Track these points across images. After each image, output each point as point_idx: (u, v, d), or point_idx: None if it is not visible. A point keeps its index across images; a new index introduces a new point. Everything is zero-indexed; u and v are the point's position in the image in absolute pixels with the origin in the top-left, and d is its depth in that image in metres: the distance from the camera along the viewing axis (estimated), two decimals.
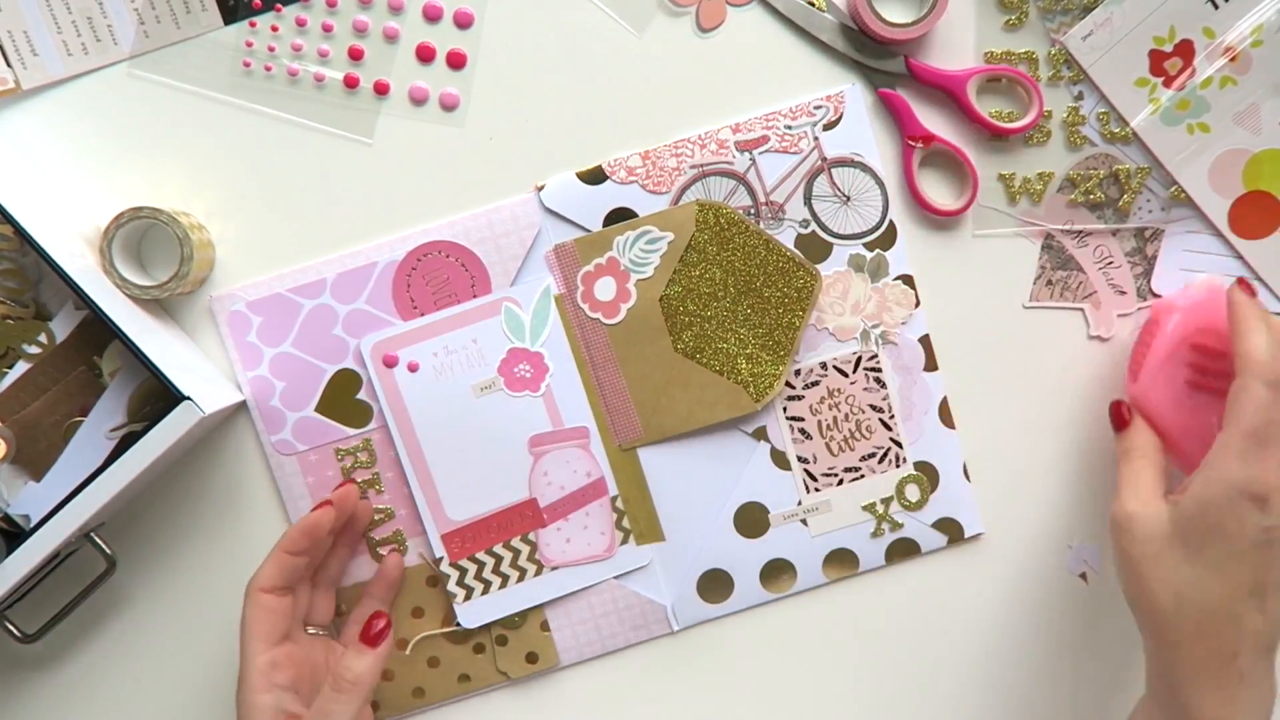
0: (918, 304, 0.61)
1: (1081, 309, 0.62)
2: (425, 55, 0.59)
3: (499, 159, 0.59)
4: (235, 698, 0.53)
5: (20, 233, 0.52)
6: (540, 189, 0.59)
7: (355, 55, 0.59)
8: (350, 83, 0.59)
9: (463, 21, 0.59)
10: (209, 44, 0.58)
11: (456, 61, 0.59)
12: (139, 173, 0.59)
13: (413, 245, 0.59)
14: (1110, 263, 0.62)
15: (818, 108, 0.59)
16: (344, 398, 0.60)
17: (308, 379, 0.60)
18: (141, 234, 0.59)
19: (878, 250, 0.61)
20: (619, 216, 0.60)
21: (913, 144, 0.59)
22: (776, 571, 0.62)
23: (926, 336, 0.61)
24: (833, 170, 0.60)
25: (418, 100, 0.59)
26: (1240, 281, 0.54)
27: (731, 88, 0.60)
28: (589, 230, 0.60)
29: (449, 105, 0.59)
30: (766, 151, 0.60)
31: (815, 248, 0.60)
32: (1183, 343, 0.56)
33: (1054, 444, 0.63)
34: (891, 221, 0.61)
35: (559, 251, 0.59)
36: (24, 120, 0.59)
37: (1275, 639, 0.51)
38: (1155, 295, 0.61)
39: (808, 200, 0.60)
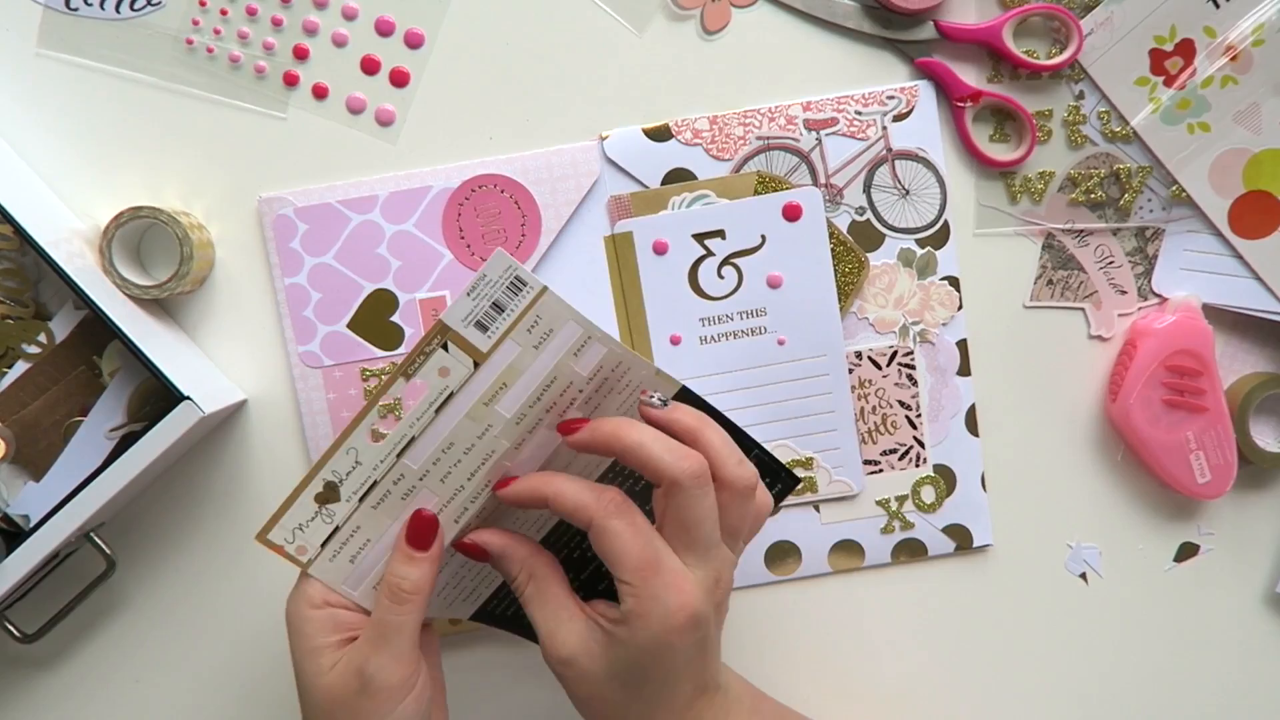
0: (960, 306, 0.61)
1: (1082, 308, 0.62)
2: (369, 67, 0.59)
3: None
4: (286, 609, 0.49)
5: (20, 232, 0.52)
6: (604, 138, 0.59)
7: (300, 54, 0.59)
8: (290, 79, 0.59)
9: (413, 42, 0.59)
10: (149, 26, 0.58)
11: (399, 80, 0.59)
12: (139, 173, 0.59)
13: (470, 175, 0.59)
14: (1111, 262, 0.62)
15: (890, 98, 0.60)
16: (378, 318, 0.60)
17: (345, 293, 0.59)
18: (141, 234, 0.59)
19: (929, 248, 0.61)
20: (678, 177, 0.60)
21: (961, 104, 0.59)
22: (782, 554, 0.62)
23: (964, 340, 0.61)
24: (896, 162, 0.60)
25: (354, 110, 0.59)
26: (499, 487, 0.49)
27: (758, 84, 0.60)
28: (647, 186, 0.60)
29: (384, 120, 0.59)
30: (834, 134, 0.60)
31: (868, 236, 0.61)
32: (1159, 363, 0.59)
33: (1053, 443, 0.63)
34: (946, 221, 0.61)
35: (614, 203, 0.59)
36: (24, 120, 0.59)
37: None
38: (1156, 295, 0.62)
39: (867, 188, 0.60)
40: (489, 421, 0.47)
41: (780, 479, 0.52)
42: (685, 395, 0.49)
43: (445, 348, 0.46)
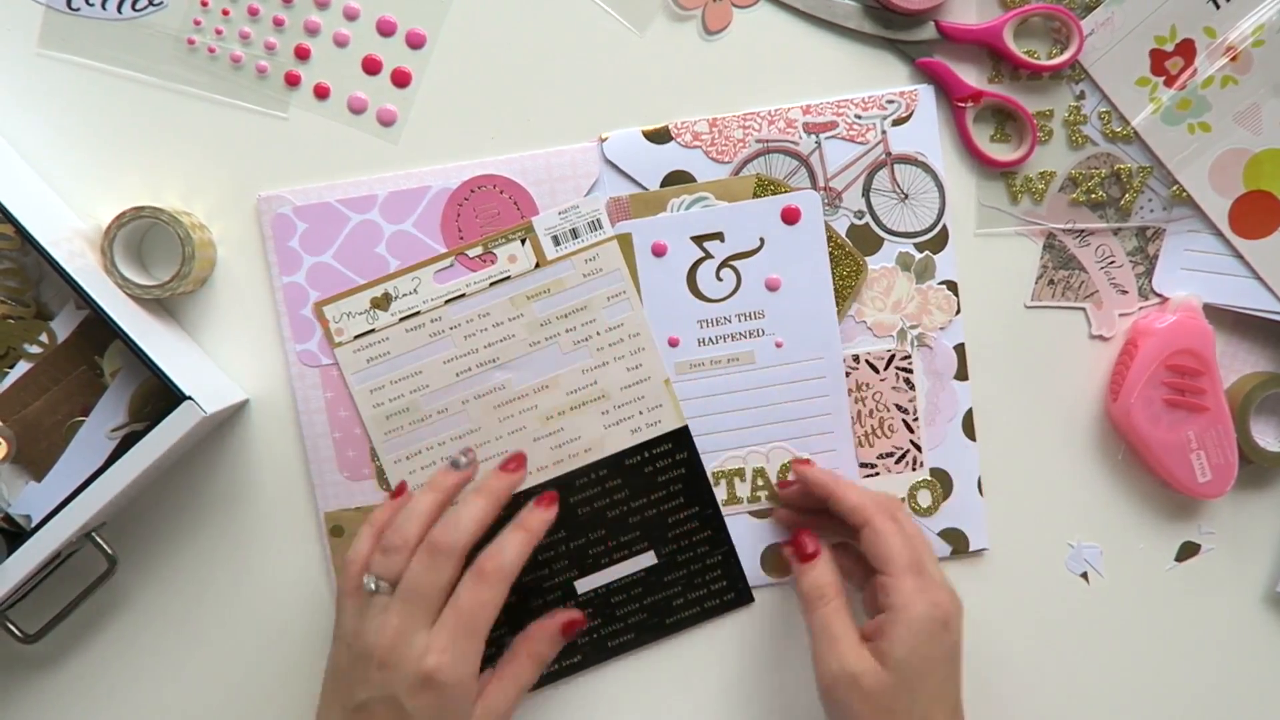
0: (958, 311, 0.61)
1: (1083, 308, 0.62)
2: (371, 67, 0.59)
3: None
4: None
5: (21, 232, 0.52)
6: (604, 140, 0.59)
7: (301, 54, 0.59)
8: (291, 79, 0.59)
9: (414, 42, 0.59)
10: (151, 26, 0.58)
11: (401, 80, 0.59)
12: (140, 172, 0.59)
13: (469, 175, 0.59)
14: (1112, 262, 0.62)
15: (890, 102, 0.60)
16: None
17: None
18: (143, 234, 0.59)
19: (927, 252, 0.61)
20: (677, 179, 0.60)
21: (962, 105, 0.59)
22: (778, 556, 0.62)
23: (962, 345, 0.61)
24: (895, 166, 0.60)
25: (356, 110, 0.59)
26: (797, 464, 0.60)
27: (759, 85, 0.60)
28: (646, 188, 0.60)
29: (386, 120, 0.59)
30: (833, 137, 0.60)
31: (866, 240, 0.61)
32: (1160, 363, 0.59)
33: (1054, 442, 0.63)
34: (945, 225, 0.61)
35: (613, 204, 0.59)
36: (25, 120, 0.59)
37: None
38: (1157, 294, 0.62)
39: (866, 192, 0.60)
40: (522, 311, 0.58)
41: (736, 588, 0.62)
42: (682, 434, 0.60)
43: (523, 242, 0.56)
